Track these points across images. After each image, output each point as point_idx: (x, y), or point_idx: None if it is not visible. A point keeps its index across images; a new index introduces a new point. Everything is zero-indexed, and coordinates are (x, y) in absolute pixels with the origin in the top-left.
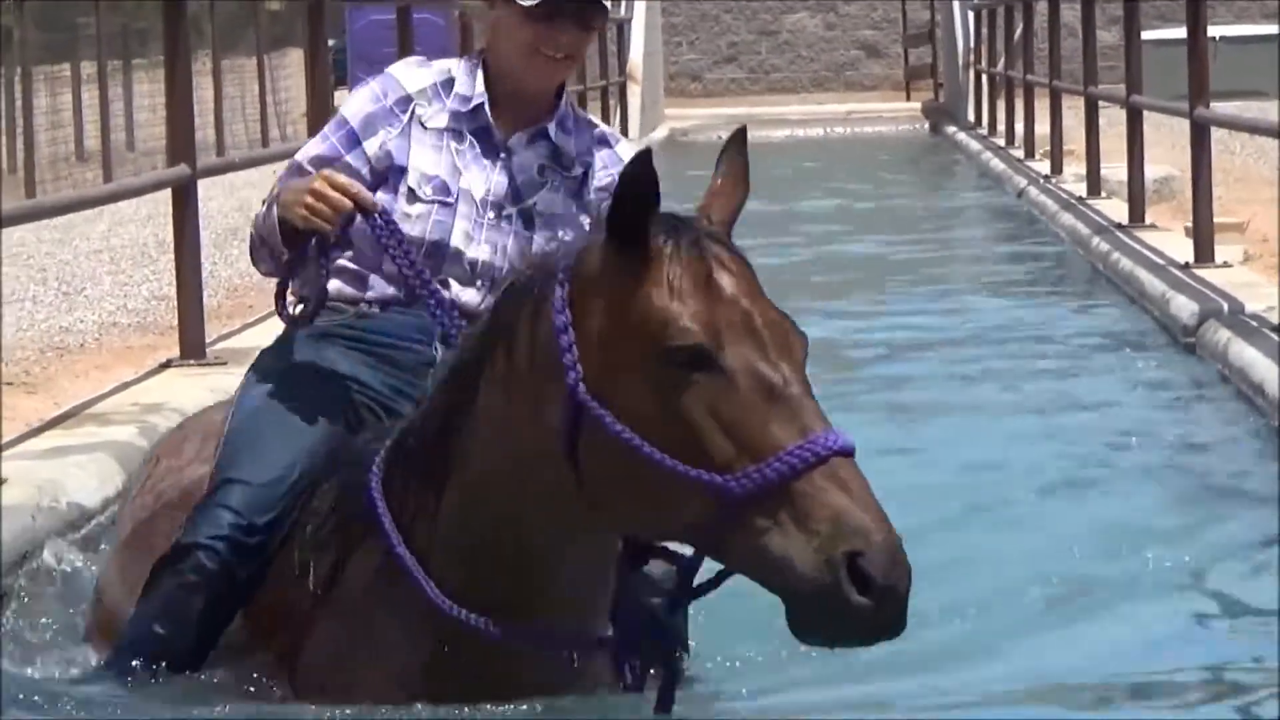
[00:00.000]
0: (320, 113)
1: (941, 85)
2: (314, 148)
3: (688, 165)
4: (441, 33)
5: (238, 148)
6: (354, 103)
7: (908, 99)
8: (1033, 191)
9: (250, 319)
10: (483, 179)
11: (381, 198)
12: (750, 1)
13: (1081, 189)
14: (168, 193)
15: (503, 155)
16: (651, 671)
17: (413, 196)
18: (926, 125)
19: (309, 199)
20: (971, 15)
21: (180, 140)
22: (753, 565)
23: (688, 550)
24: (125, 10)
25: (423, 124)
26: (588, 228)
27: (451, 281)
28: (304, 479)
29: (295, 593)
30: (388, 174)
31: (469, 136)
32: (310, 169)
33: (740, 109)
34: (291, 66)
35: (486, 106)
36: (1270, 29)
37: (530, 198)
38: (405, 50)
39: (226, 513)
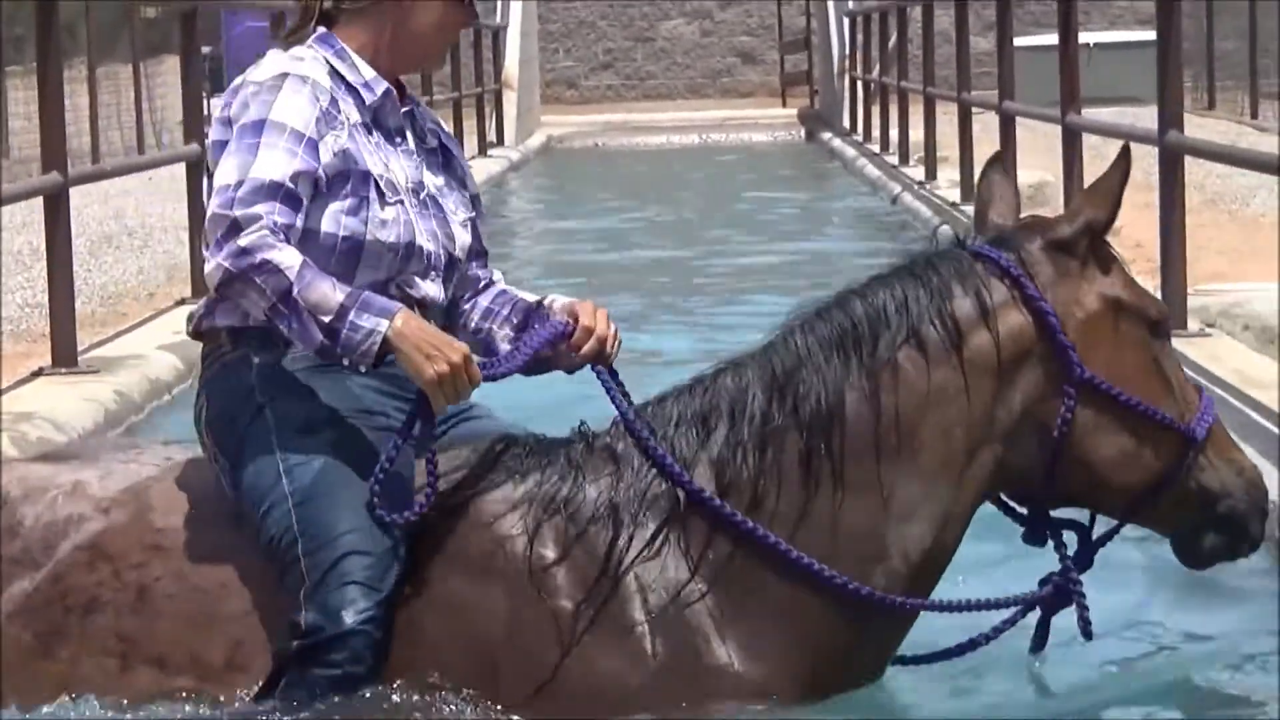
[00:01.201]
0: (194, 119)
1: (817, 92)
2: (286, 163)
3: (565, 172)
4: None
5: (114, 155)
6: (293, 109)
7: (784, 105)
8: (907, 198)
9: (123, 326)
10: (400, 168)
11: (344, 205)
12: (626, 8)
13: (955, 195)
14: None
15: (398, 140)
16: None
17: (383, 200)
18: (802, 131)
19: (445, 368)
20: (847, 22)
21: (52, 148)
22: (1188, 503)
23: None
24: None
25: (349, 121)
26: (469, 196)
27: (415, 279)
28: (404, 533)
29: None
30: (341, 180)
31: (373, 127)
32: (292, 185)
33: (617, 115)
34: (168, 74)
35: (394, 93)
36: (1144, 35)
37: (424, 178)
38: None
39: (360, 589)
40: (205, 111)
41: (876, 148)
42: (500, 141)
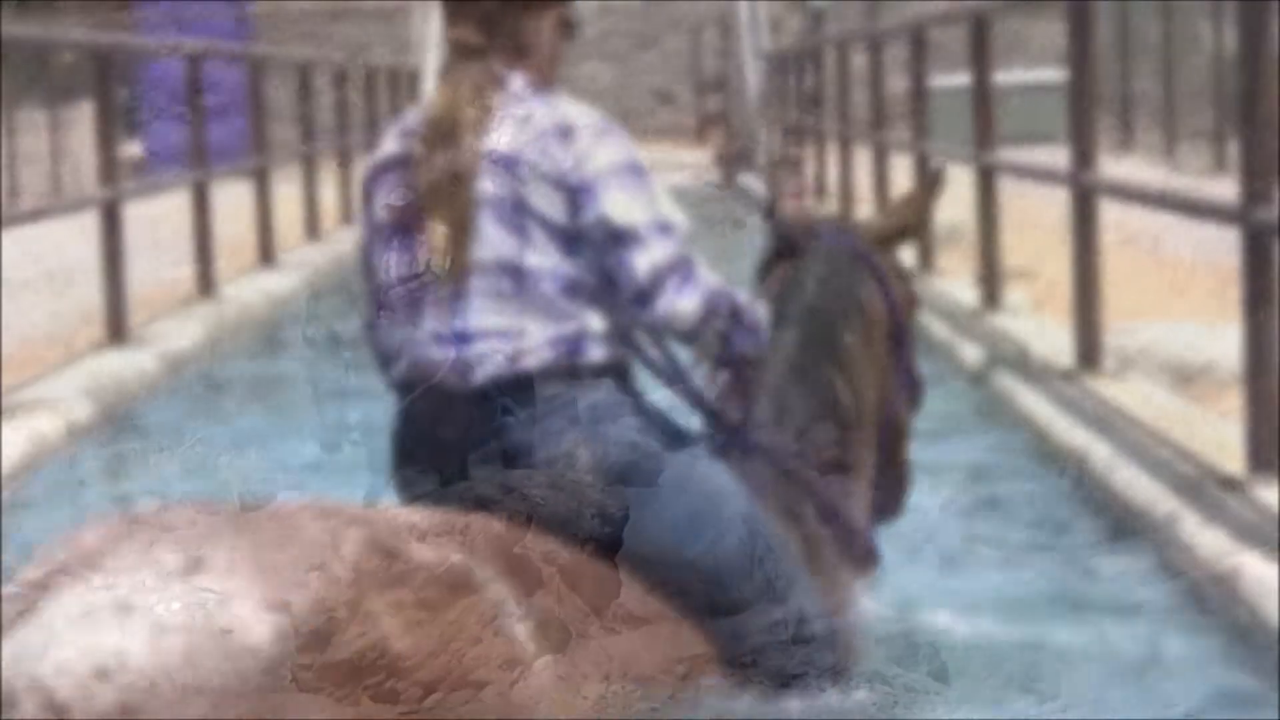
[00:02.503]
0: (109, 163)
1: (734, 133)
2: (673, 204)
3: None
4: (235, 82)
5: (30, 198)
6: (637, 156)
7: (701, 147)
8: None
9: (40, 370)
10: None
11: None
12: None
13: None
14: None
15: None
16: None
17: None
18: (720, 173)
19: None
20: (763, 64)
21: None
22: None
23: None
24: None
25: None
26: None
27: None
28: None
29: None
30: None
31: None
32: None
33: None
34: (84, 117)
35: None
36: (1062, 75)
37: None
38: (196, 99)
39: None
40: (121, 154)
41: None
42: None
